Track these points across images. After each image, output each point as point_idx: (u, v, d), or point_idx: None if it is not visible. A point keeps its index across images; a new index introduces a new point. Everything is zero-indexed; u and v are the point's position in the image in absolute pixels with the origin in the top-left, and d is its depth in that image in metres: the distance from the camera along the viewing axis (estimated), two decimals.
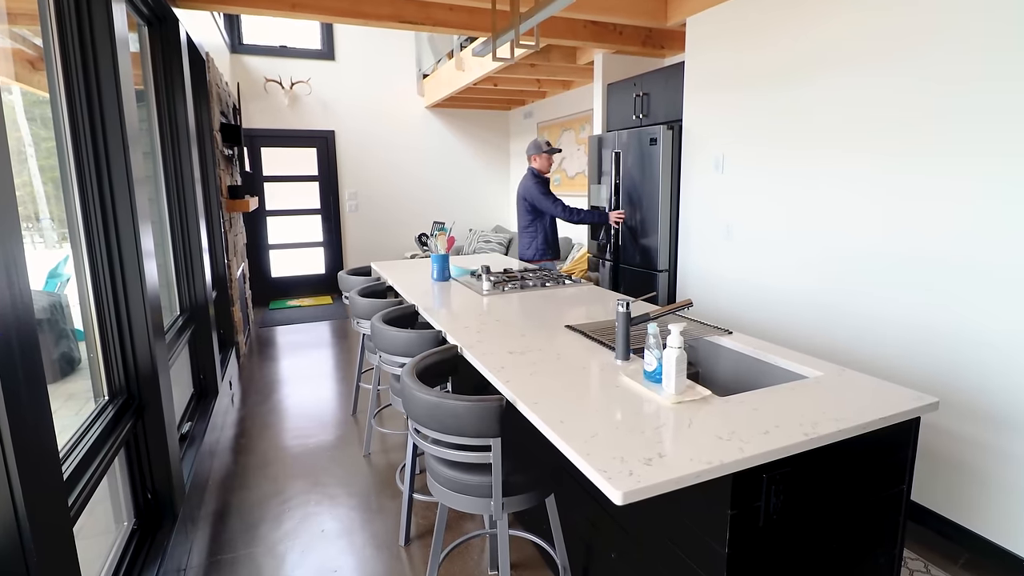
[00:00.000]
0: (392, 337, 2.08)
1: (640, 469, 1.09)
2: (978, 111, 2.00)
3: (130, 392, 1.84)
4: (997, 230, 1.98)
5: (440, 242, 3.10)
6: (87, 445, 1.49)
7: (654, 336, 1.48)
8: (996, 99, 1.95)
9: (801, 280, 2.77)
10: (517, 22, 2.55)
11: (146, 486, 1.89)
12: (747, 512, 1.19)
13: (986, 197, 2.00)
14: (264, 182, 6.68)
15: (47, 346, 1.92)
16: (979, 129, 2.00)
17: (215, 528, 2.35)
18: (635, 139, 3.71)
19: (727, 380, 1.92)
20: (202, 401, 3.04)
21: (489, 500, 1.48)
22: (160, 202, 2.82)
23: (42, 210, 1.91)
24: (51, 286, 2.09)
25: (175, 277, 2.95)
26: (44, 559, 1.06)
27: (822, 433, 1.22)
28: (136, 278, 1.79)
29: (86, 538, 1.53)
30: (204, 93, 3.73)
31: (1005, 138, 1.93)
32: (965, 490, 2.15)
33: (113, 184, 1.73)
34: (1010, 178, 1.93)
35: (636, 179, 3.74)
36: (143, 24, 2.68)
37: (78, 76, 1.65)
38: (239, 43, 6.26)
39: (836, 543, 1.36)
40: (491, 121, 7.52)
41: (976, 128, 2.01)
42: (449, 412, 1.41)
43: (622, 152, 3.85)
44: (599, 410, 1.39)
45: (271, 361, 4.61)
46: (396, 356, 2.10)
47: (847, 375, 1.57)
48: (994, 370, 2.02)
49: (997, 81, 1.94)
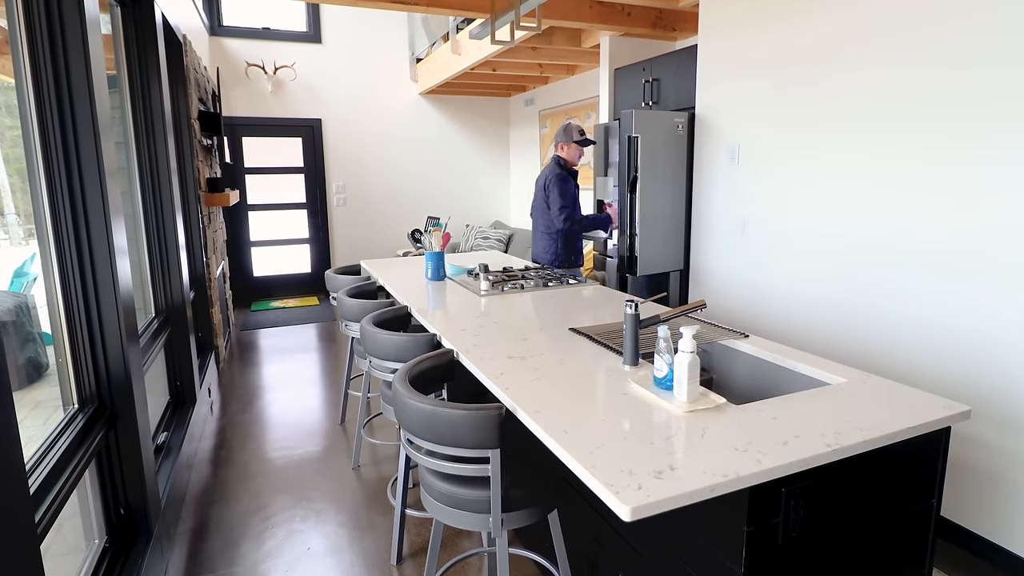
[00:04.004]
0: (383, 341, 2.08)
1: (650, 483, 1.09)
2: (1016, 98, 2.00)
3: (101, 400, 1.83)
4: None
5: (435, 239, 3.10)
6: (55, 457, 1.49)
7: (665, 340, 1.48)
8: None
9: (821, 279, 2.77)
10: (517, 2, 2.55)
11: (119, 501, 1.89)
12: (765, 529, 1.19)
13: (1020, 190, 2.00)
14: (246, 174, 6.68)
15: (12, 350, 1.92)
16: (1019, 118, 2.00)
17: (193, 546, 2.35)
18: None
19: (743, 387, 1.92)
20: (179, 410, 3.03)
21: (487, 516, 1.48)
22: (134, 196, 2.82)
23: (7, 204, 1.91)
24: (16, 286, 2.10)
25: (150, 276, 2.95)
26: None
27: (845, 444, 1.22)
28: (108, 277, 1.79)
29: (54, 557, 1.53)
30: (181, 78, 3.73)
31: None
32: (999, 505, 2.15)
33: (83, 176, 1.73)
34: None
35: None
36: (115, 4, 2.68)
37: (45, 60, 1.65)
38: (219, 25, 6.26)
39: (860, 562, 1.36)
40: (490, 108, 7.52)
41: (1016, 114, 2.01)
42: (445, 421, 1.41)
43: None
44: (606, 419, 1.39)
45: (253, 366, 4.62)
46: (387, 361, 2.09)
47: (872, 381, 1.57)
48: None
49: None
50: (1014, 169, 2.02)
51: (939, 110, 2.22)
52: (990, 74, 2.06)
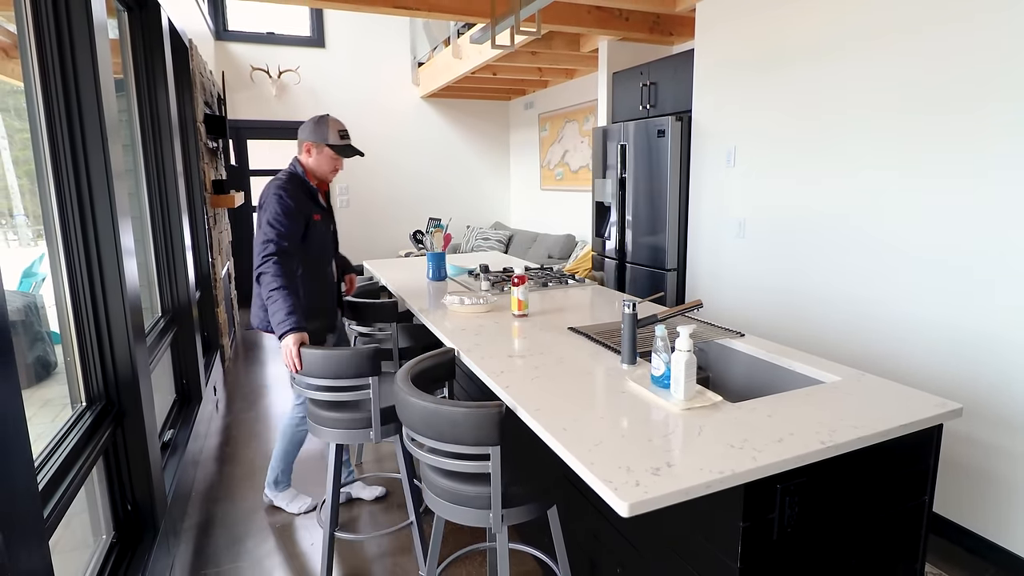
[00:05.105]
0: (307, 356, 1.94)
1: (647, 479, 1.09)
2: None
3: (109, 398, 1.84)
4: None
5: (436, 239, 3.10)
6: (64, 454, 1.49)
7: (662, 339, 1.48)
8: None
9: (817, 280, 2.77)
10: (517, 7, 2.55)
11: (126, 497, 1.89)
12: (760, 524, 1.19)
13: (1019, 193, 2.00)
14: (250, 176, 6.68)
15: (21, 349, 1.92)
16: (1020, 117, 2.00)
17: (198, 542, 2.35)
18: (642, 131, 3.71)
19: (739, 385, 1.92)
20: (185, 407, 3.04)
21: (488, 512, 1.48)
22: (141, 197, 2.82)
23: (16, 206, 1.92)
24: (26, 286, 2.10)
25: (156, 277, 2.95)
26: (19, 574, 1.06)
27: (839, 441, 1.22)
28: (115, 278, 1.79)
29: (62, 552, 1.54)
30: (187, 82, 3.73)
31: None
32: (991, 501, 2.15)
33: (91, 178, 1.73)
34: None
35: (643, 173, 3.75)
36: (123, 9, 2.68)
37: (54, 64, 1.65)
38: (224, 29, 6.26)
39: (854, 557, 1.36)
40: (490, 112, 7.52)
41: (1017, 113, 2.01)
42: (446, 419, 1.41)
43: (628, 145, 3.85)
44: (604, 417, 1.39)
45: (258, 365, 4.62)
46: (309, 378, 1.95)
47: (866, 380, 1.57)
48: (1021, 371, 2.02)
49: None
50: (1013, 167, 2.02)
51: (938, 111, 2.22)
52: (990, 74, 2.06)
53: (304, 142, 2.25)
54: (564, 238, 5.91)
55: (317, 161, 2.26)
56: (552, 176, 6.55)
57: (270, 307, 2.04)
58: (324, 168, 2.28)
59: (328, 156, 2.26)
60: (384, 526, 2.45)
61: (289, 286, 2.06)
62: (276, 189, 2.16)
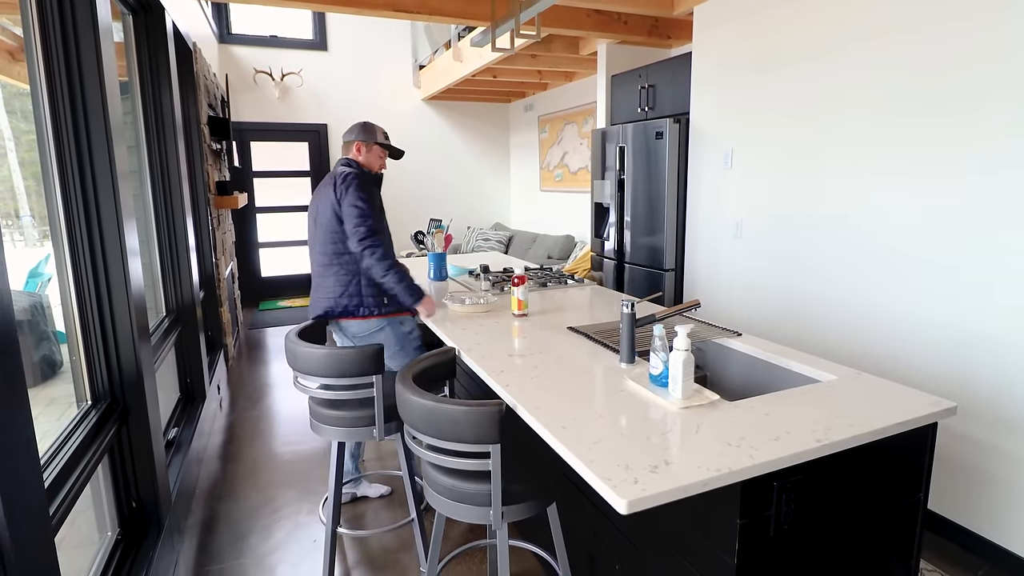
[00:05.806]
0: (303, 354, 1.95)
1: (646, 477, 1.09)
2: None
3: (114, 396, 1.84)
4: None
5: (437, 240, 3.10)
6: (69, 451, 1.49)
7: (660, 338, 1.48)
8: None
9: (815, 279, 2.77)
10: (517, 11, 2.55)
11: (130, 495, 1.89)
12: (757, 521, 1.19)
13: (1018, 194, 2.00)
14: (254, 177, 6.69)
15: (27, 349, 1.92)
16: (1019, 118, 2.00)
17: (202, 539, 2.35)
18: (640, 133, 3.71)
19: (736, 384, 1.92)
20: (189, 406, 3.04)
21: (488, 509, 1.48)
22: (145, 198, 2.82)
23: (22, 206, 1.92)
24: (32, 286, 2.10)
25: (161, 277, 2.95)
26: (25, 570, 1.06)
27: (835, 439, 1.23)
28: (120, 278, 1.79)
29: (68, 549, 1.54)
30: (191, 85, 3.73)
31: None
32: (985, 499, 2.15)
33: (96, 179, 1.73)
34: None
35: (641, 175, 3.75)
36: (127, 13, 2.68)
37: (60, 67, 1.65)
38: (227, 32, 6.27)
39: (850, 554, 1.36)
40: (490, 114, 7.52)
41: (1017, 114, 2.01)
42: (447, 417, 1.41)
43: (627, 147, 3.85)
44: (603, 415, 1.39)
45: (261, 364, 4.62)
46: (311, 376, 1.96)
47: (862, 379, 1.57)
48: (1019, 372, 2.02)
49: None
50: (1011, 168, 2.02)
51: (938, 111, 2.22)
52: (990, 73, 2.06)
53: (355, 142, 2.46)
54: (563, 239, 5.92)
55: (367, 159, 2.47)
56: (552, 177, 6.56)
57: (390, 282, 2.26)
58: (375, 164, 2.49)
59: (377, 153, 2.48)
60: (386, 523, 2.45)
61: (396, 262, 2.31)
62: (351, 179, 2.30)
